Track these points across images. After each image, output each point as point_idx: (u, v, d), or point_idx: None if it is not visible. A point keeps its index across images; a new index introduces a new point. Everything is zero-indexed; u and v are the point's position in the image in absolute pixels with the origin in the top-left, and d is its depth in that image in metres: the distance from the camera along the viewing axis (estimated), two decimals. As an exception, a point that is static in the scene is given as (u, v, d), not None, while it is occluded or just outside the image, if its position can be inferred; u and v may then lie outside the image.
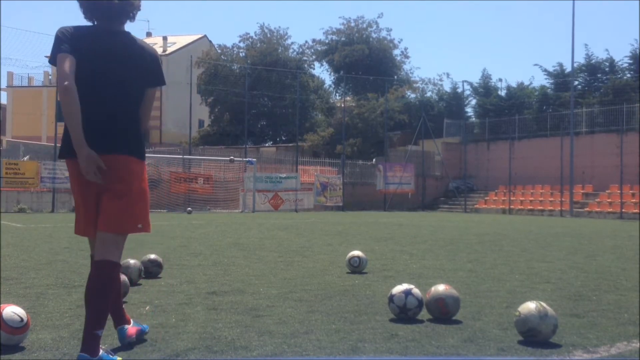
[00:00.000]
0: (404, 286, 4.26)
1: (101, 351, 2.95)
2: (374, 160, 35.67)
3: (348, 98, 41.74)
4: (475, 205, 32.97)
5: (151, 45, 3.85)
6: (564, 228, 16.70)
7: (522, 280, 6.19)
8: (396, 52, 46.85)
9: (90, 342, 2.90)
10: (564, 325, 3.97)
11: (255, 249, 9.30)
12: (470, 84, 40.19)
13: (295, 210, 29.48)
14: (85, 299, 3.01)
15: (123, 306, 3.47)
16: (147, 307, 4.51)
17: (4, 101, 44.20)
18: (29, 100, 41.73)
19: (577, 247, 10.30)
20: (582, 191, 29.52)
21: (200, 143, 40.15)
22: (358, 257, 6.69)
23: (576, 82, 34.20)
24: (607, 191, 28.37)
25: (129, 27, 3.27)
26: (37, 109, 40.93)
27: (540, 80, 62.42)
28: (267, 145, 43.89)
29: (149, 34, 54.22)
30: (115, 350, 3.27)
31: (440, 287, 4.25)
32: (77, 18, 3.26)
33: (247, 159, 29.99)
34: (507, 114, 35.96)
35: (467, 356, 3.31)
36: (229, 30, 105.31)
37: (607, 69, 34.48)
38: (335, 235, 12.58)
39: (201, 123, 47.77)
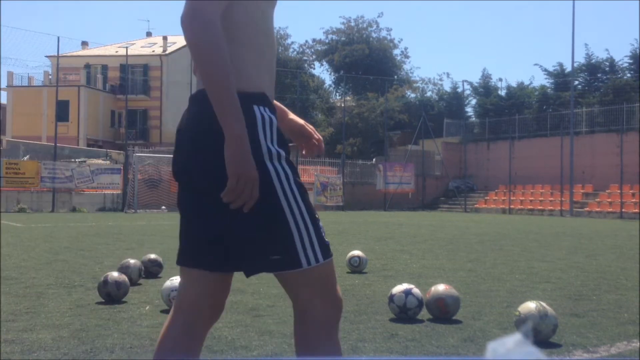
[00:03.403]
0: (404, 286, 4.26)
1: None
2: (374, 160, 35.65)
3: (348, 98, 41.72)
4: (475, 205, 32.96)
5: None
6: (564, 228, 16.69)
7: (522, 280, 6.19)
8: (396, 51, 46.84)
9: None
10: (564, 325, 3.97)
11: (255, 249, 9.28)
12: (470, 83, 40.20)
13: (295, 210, 29.45)
14: None
15: None
16: (147, 307, 4.51)
17: (4, 101, 44.16)
18: (29, 100, 41.65)
19: (577, 247, 10.29)
20: (582, 191, 29.51)
21: (200, 143, 40.14)
22: (358, 256, 6.69)
23: (576, 82, 34.19)
24: (607, 191, 28.36)
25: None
26: (37, 109, 40.84)
27: (540, 80, 62.46)
28: (267, 145, 43.86)
29: (149, 34, 54.20)
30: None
31: (440, 287, 4.25)
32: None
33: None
34: (507, 113, 35.94)
35: (467, 356, 3.31)
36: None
37: (607, 69, 34.48)
38: (335, 235, 12.57)
39: (201, 123, 47.76)
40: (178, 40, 49.76)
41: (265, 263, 1.69)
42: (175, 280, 4.41)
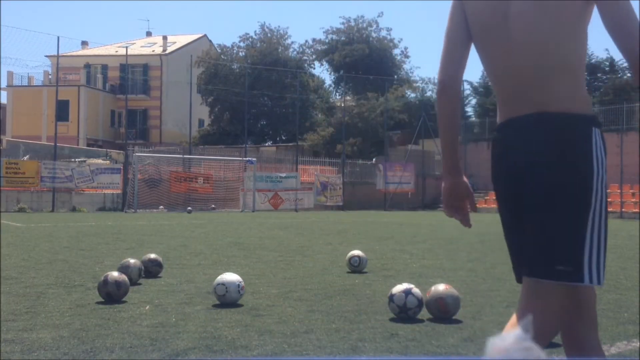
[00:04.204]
0: (404, 286, 4.26)
1: None
2: (374, 159, 35.67)
3: (348, 97, 41.72)
4: (476, 205, 32.99)
5: None
6: (564, 227, 16.67)
7: (522, 279, 6.19)
8: (396, 51, 46.85)
9: None
10: (564, 324, 3.96)
11: (255, 249, 9.30)
12: (470, 83, 40.22)
13: (295, 210, 29.47)
14: None
15: None
16: (147, 307, 4.51)
17: (4, 101, 44.16)
18: (29, 100, 41.65)
19: (577, 247, 10.27)
20: (582, 191, 29.49)
21: (200, 142, 40.14)
22: (358, 256, 6.69)
23: (576, 82, 34.18)
24: (607, 191, 28.36)
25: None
26: (37, 108, 40.84)
27: (540, 79, 62.21)
28: (267, 144, 43.86)
29: (149, 34, 54.18)
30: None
31: (440, 287, 4.25)
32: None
33: (247, 159, 29.99)
34: (507, 113, 35.95)
35: (467, 355, 3.31)
36: (229, 30, 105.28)
37: (607, 69, 34.50)
38: (335, 235, 12.57)
39: (201, 122, 47.73)
40: (178, 40, 49.76)
41: (549, 270, 1.74)
42: (226, 276, 4.71)
